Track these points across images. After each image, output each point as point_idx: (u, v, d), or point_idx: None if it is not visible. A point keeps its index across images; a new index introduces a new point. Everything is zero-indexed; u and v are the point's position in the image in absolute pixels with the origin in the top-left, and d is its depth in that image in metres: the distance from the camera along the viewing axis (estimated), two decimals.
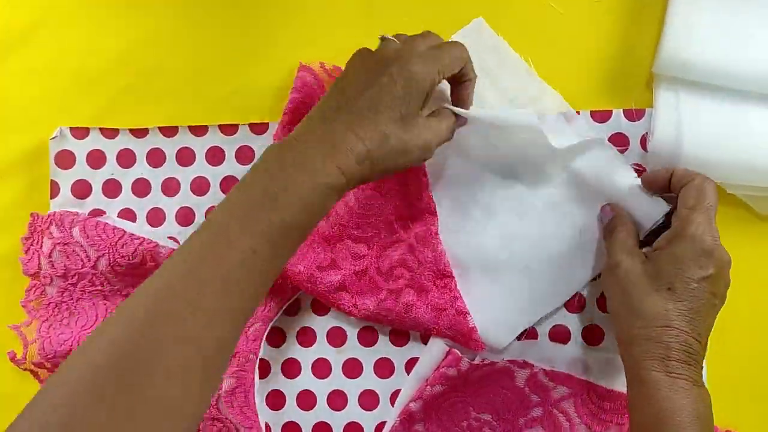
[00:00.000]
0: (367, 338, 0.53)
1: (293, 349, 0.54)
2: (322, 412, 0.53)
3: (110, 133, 0.55)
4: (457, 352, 0.50)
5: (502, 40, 0.53)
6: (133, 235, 0.52)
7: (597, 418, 0.49)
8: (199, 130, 0.54)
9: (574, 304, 0.52)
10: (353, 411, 0.53)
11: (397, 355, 0.53)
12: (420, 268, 0.51)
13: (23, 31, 0.56)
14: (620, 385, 0.50)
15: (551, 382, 0.50)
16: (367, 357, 0.53)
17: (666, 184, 0.47)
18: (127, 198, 0.55)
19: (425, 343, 0.52)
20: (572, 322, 0.52)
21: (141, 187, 0.55)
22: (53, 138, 0.54)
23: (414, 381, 0.51)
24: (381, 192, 0.51)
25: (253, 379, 0.52)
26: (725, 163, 0.49)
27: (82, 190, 0.55)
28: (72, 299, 0.53)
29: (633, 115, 0.52)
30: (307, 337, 0.54)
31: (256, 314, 0.52)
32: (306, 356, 0.54)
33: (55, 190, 0.55)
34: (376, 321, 0.52)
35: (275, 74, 0.54)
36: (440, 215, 0.52)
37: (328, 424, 0.53)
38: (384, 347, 0.53)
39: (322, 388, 0.53)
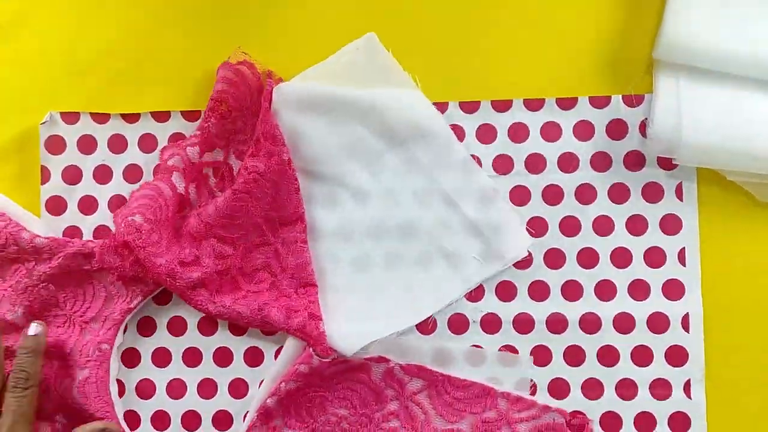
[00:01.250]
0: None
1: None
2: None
3: (101, 118, 0.54)
4: (302, 346, 0.50)
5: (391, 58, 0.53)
6: (2, 215, 0.52)
7: (452, 408, 0.50)
8: (191, 116, 0.53)
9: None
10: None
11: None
12: (282, 274, 0.52)
13: (13, 17, 0.55)
14: (475, 376, 0.50)
15: (407, 375, 0.50)
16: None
17: None
18: (118, 184, 0.54)
19: None
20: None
21: (133, 173, 0.54)
22: (43, 123, 0.54)
23: (271, 377, 0.51)
24: (251, 194, 0.50)
25: (108, 369, 0.52)
26: (725, 150, 0.48)
27: (72, 175, 0.54)
28: None
29: (632, 101, 0.51)
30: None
31: (114, 305, 0.52)
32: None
33: (45, 175, 0.54)
34: (229, 319, 0.51)
35: (268, 58, 0.53)
36: (313, 213, 0.52)
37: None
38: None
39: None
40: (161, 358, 0.53)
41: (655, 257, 0.51)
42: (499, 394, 0.50)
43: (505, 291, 0.52)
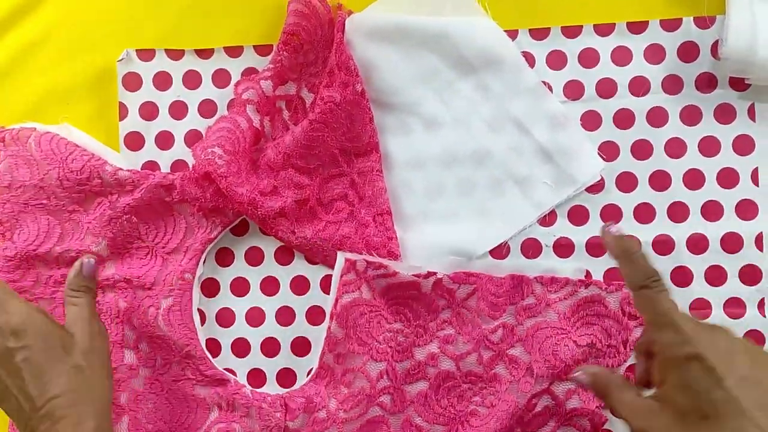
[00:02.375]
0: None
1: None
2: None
3: (175, 54, 0.55)
4: (351, 256, 0.51)
5: None
6: (84, 150, 0.53)
7: (494, 305, 0.51)
8: (263, 50, 0.54)
9: None
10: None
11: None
12: (360, 204, 0.52)
13: None
14: (508, 271, 0.52)
15: (455, 284, 0.51)
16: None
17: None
18: (193, 119, 0.55)
19: None
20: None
21: (207, 108, 0.55)
22: (120, 60, 0.55)
23: (332, 298, 0.52)
24: (327, 124, 0.51)
25: (191, 298, 0.53)
26: None
27: (149, 111, 0.55)
28: (13, 212, 0.54)
29: (705, 22, 0.51)
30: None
31: (195, 235, 0.53)
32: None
33: (123, 112, 0.55)
34: (309, 252, 0.53)
35: None
36: (385, 143, 0.53)
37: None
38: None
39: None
40: (240, 287, 0.55)
41: (728, 178, 0.51)
42: (533, 279, 0.51)
43: (578, 215, 0.52)
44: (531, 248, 0.53)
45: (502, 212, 0.53)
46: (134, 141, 0.55)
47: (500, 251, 0.53)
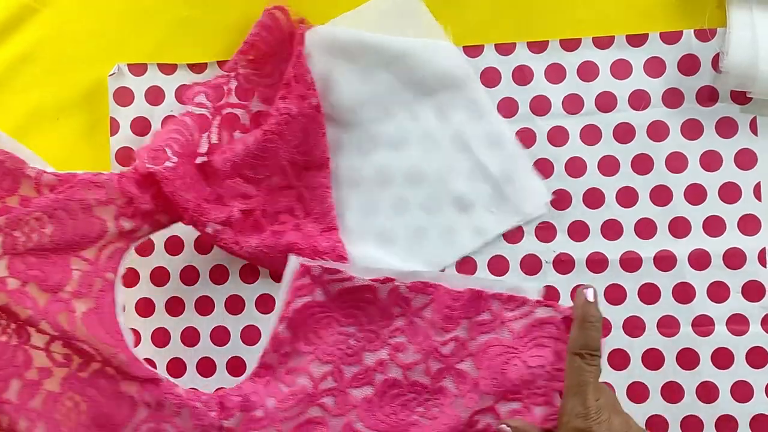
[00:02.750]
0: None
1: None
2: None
3: (168, 69, 0.54)
4: (307, 261, 0.50)
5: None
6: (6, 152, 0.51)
7: (448, 318, 0.50)
8: None
9: None
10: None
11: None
12: (306, 219, 0.52)
13: None
14: (469, 284, 0.50)
15: (412, 293, 0.51)
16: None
17: None
18: None
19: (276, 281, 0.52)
20: None
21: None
22: (111, 75, 0.54)
23: (281, 301, 0.51)
24: (281, 135, 0.50)
25: (113, 299, 0.51)
26: None
27: (141, 127, 0.54)
28: None
29: (706, 35, 0.50)
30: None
31: (117, 235, 0.50)
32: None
33: (114, 127, 0.54)
34: (254, 260, 0.52)
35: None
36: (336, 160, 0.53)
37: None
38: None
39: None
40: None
41: (730, 192, 0.50)
42: (491, 295, 0.50)
43: (578, 231, 0.52)
44: (530, 264, 0.52)
45: (440, 236, 0.52)
46: (126, 156, 0.54)
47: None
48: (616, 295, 0.51)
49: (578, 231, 0.51)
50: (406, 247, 0.52)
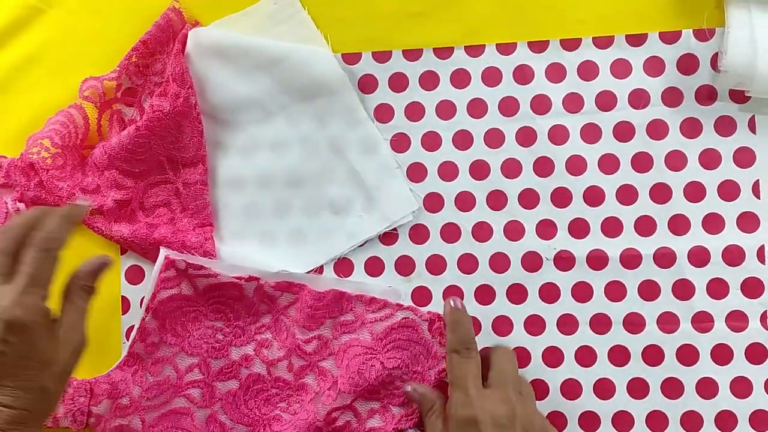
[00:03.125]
0: None
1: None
2: None
3: None
4: (172, 255, 0.52)
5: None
6: None
7: (311, 317, 0.52)
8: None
9: None
10: None
11: None
12: (182, 213, 0.53)
13: None
14: (331, 285, 0.52)
15: (277, 291, 0.52)
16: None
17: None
18: None
19: None
20: None
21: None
22: None
23: (149, 292, 0.52)
24: (153, 132, 0.52)
25: None
26: None
27: None
28: None
29: (705, 34, 0.51)
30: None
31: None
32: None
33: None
34: (132, 248, 0.54)
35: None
36: (214, 159, 0.54)
37: None
38: None
39: None
40: None
41: (729, 190, 0.51)
42: (354, 297, 0.52)
43: (578, 228, 0.52)
44: (531, 261, 0.52)
45: (317, 237, 0.54)
46: None
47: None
48: (616, 291, 0.51)
49: (579, 228, 0.52)
50: (285, 248, 0.53)
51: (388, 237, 0.53)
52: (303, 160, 0.54)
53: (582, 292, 0.52)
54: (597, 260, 0.52)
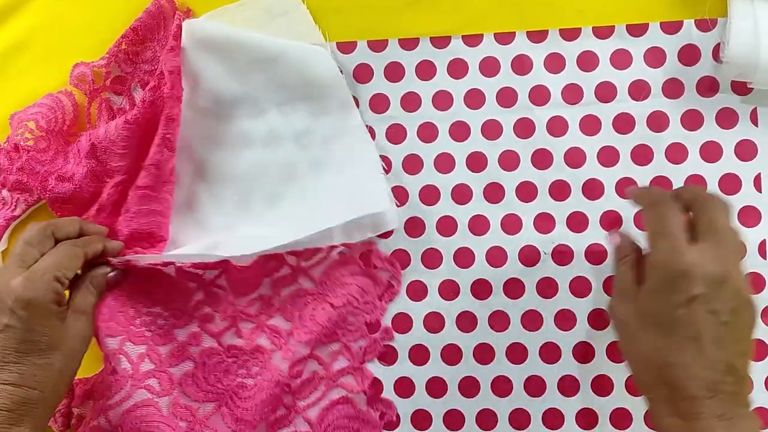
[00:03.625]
0: None
1: None
2: None
3: None
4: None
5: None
6: None
7: (245, 281, 0.52)
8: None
9: None
10: None
11: None
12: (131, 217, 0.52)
13: None
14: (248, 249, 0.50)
15: (198, 270, 0.52)
16: None
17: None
18: None
19: None
20: None
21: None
22: None
23: None
24: (139, 125, 0.51)
25: None
26: None
27: None
28: None
29: (705, 25, 0.50)
30: None
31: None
32: None
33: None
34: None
35: None
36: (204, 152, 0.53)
37: None
38: None
39: None
40: None
41: (730, 184, 0.50)
42: (284, 253, 0.52)
43: (577, 222, 0.51)
44: (529, 255, 0.51)
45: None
46: None
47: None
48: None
49: (577, 222, 0.51)
50: (275, 241, 0.51)
51: None
52: (295, 155, 0.52)
53: (580, 287, 0.51)
54: (596, 254, 0.51)
